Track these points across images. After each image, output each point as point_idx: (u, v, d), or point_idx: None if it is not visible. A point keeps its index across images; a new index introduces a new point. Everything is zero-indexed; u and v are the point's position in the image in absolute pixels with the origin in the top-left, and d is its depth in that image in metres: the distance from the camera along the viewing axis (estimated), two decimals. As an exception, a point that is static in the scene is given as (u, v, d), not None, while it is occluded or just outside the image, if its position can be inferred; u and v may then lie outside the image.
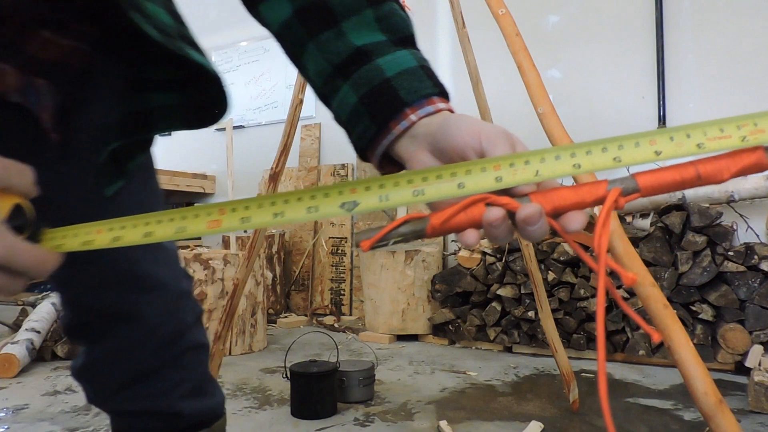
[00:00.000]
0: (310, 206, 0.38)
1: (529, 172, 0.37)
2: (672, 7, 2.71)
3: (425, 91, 0.46)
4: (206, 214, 0.39)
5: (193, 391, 0.73)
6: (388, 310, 2.76)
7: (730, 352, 2.07)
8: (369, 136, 0.47)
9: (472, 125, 0.42)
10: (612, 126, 2.82)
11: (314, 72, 0.51)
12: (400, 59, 0.48)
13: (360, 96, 0.47)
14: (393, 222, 0.38)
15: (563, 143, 1.03)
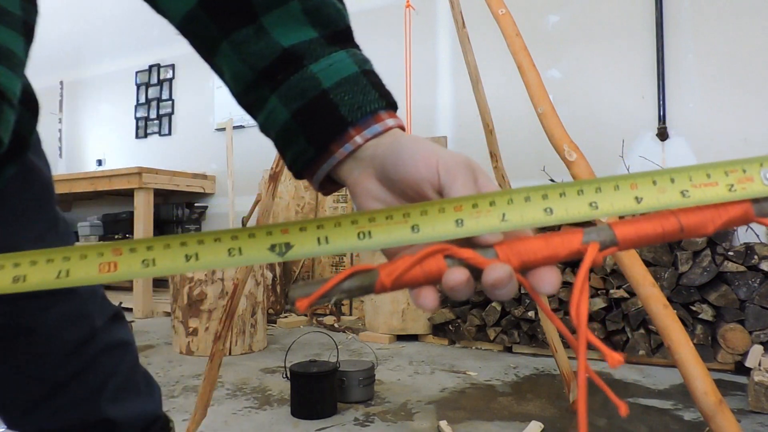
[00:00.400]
0: (231, 248, 0.32)
1: (495, 217, 0.32)
2: (672, 7, 2.71)
3: (371, 106, 0.40)
4: (97, 255, 0.31)
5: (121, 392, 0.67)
6: (388, 310, 2.76)
7: (730, 352, 2.07)
8: (306, 160, 0.41)
9: (428, 153, 0.36)
10: (612, 126, 2.82)
11: (232, 77, 0.43)
12: (338, 64, 0.40)
13: (292, 112, 0.40)
14: (336, 276, 0.32)
15: (563, 143, 1.03)
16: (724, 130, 2.58)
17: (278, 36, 0.40)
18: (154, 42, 4.73)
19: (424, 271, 0.32)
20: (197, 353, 2.48)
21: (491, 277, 0.30)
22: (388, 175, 0.38)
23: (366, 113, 0.40)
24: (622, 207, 0.32)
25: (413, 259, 0.32)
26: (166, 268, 0.31)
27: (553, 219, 0.32)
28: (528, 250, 0.32)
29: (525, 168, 2.92)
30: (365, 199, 0.40)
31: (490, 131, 1.62)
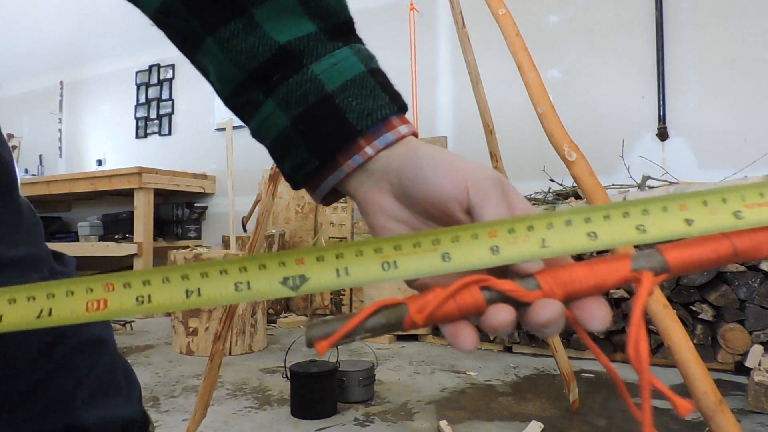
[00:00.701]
0: (239, 282, 0.28)
1: (534, 243, 0.29)
2: (672, 7, 2.71)
3: (382, 112, 0.36)
4: (86, 291, 0.28)
5: (98, 394, 0.59)
6: (388, 310, 2.76)
7: (730, 352, 2.07)
8: (308, 171, 0.38)
9: (455, 168, 0.32)
10: (612, 126, 2.82)
11: (218, 77, 0.38)
12: (343, 63, 0.36)
13: (292, 119, 0.36)
14: (359, 314, 0.29)
15: (563, 143, 1.03)
16: (724, 130, 2.58)
17: (272, 30, 0.36)
18: (154, 42, 4.73)
19: (458, 305, 0.28)
20: (197, 353, 2.48)
21: (542, 317, 0.27)
22: (407, 192, 0.34)
23: (377, 120, 0.35)
24: (673, 230, 0.29)
25: (446, 293, 0.28)
26: (163, 305, 0.28)
27: (598, 244, 0.29)
28: (573, 279, 0.29)
29: (525, 168, 2.92)
30: (379, 218, 0.36)
31: (490, 131, 1.62)
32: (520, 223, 0.29)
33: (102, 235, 4.21)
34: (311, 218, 3.69)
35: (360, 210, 0.38)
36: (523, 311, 0.28)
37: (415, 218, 0.35)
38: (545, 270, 0.29)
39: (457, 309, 0.28)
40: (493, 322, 0.28)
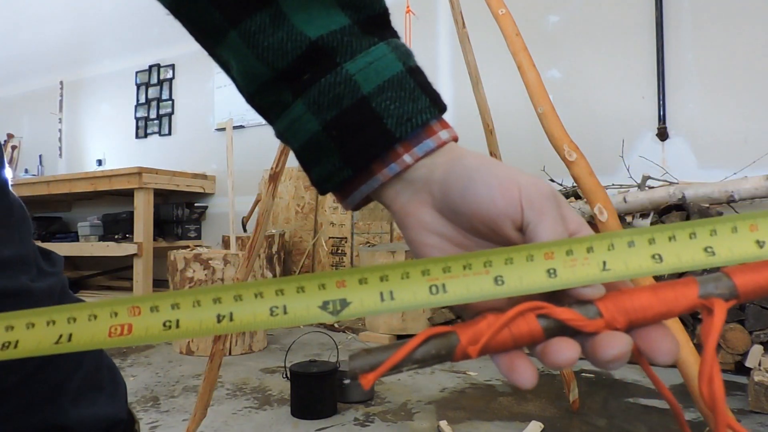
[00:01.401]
0: (275, 306, 0.27)
1: (595, 266, 0.27)
2: (672, 7, 2.71)
3: (423, 117, 0.33)
4: (110, 315, 0.27)
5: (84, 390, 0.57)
6: (388, 310, 2.76)
7: (730, 352, 2.07)
8: (340, 180, 0.35)
9: (508, 181, 0.30)
10: (612, 126, 2.82)
11: (242, 73, 0.35)
12: (380, 62, 0.33)
13: (324, 123, 0.33)
14: (408, 343, 0.27)
15: (563, 143, 1.03)
16: (724, 130, 2.58)
17: (301, 24, 0.32)
18: (154, 42, 4.73)
19: (513, 335, 0.27)
20: (197, 353, 2.48)
21: (610, 353, 0.25)
22: (452, 205, 0.31)
23: (416, 126, 0.33)
24: (743, 253, 0.27)
25: (501, 321, 0.26)
26: (192, 331, 0.27)
27: (664, 267, 0.27)
28: (637, 307, 0.26)
29: (525, 168, 2.89)
30: (419, 233, 0.33)
31: (490, 131, 1.62)
32: (580, 244, 0.27)
33: (102, 235, 4.21)
34: (311, 218, 3.69)
35: (397, 222, 0.35)
36: (585, 343, 0.26)
37: (460, 234, 0.32)
38: (606, 296, 0.27)
39: (512, 339, 0.27)
40: (559, 359, 0.25)
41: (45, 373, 0.52)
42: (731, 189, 2.29)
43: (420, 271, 0.27)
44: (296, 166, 3.78)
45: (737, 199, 2.29)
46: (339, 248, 3.53)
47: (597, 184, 0.98)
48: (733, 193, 2.28)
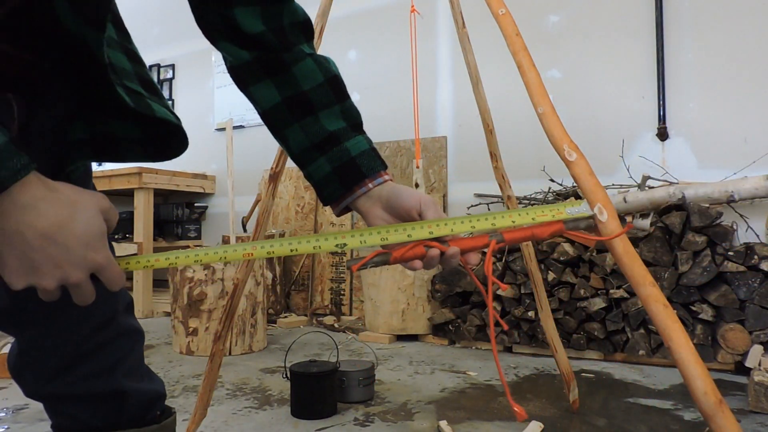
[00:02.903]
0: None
1: (447, 229, 0.64)
2: (672, 7, 2.71)
3: (378, 168, 0.70)
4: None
5: (134, 372, 0.72)
6: (388, 310, 2.76)
7: (730, 352, 2.07)
8: (337, 195, 0.71)
9: (415, 194, 0.67)
10: (612, 126, 2.82)
11: (295, 142, 0.71)
12: (360, 143, 0.70)
13: (333, 167, 0.69)
14: (370, 255, 0.62)
15: (563, 143, 1.03)
16: (724, 130, 2.58)
17: (327, 124, 0.70)
18: (154, 42, 4.73)
19: (414, 252, 0.63)
20: (197, 353, 2.48)
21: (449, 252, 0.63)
22: (391, 205, 0.68)
23: (375, 171, 0.70)
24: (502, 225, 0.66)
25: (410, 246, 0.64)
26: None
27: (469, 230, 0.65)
28: (465, 243, 0.65)
29: (525, 168, 2.92)
30: (375, 219, 0.70)
31: (490, 131, 1.62)
32: (442, 222, 0.65)
33: (102, 235, 4.20)
34: (311, 218, 3.69)
35: (363, 217, 0.71)
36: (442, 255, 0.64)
37: (393, 219, 0.69)
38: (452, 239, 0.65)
39: (413, 254, 0.63)
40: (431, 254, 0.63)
41: (109, 349, 0.69)
42: (731, 189, 2.29)
43: (377, 231, 0.64)
44: (296, 167, 3.79)
45: (737, 199, 2.29)
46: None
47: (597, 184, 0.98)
48: (733, 193, 2.28)
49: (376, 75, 3.59)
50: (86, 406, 0.69)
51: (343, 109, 0.71)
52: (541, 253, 2.38)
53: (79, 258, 0.48)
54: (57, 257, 0.47)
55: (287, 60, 0.68)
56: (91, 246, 0.48)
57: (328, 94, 0.70)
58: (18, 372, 0.68)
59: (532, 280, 1.64)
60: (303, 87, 0.69)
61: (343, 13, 3.62)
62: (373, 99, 3.59)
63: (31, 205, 0.46)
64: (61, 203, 0.47)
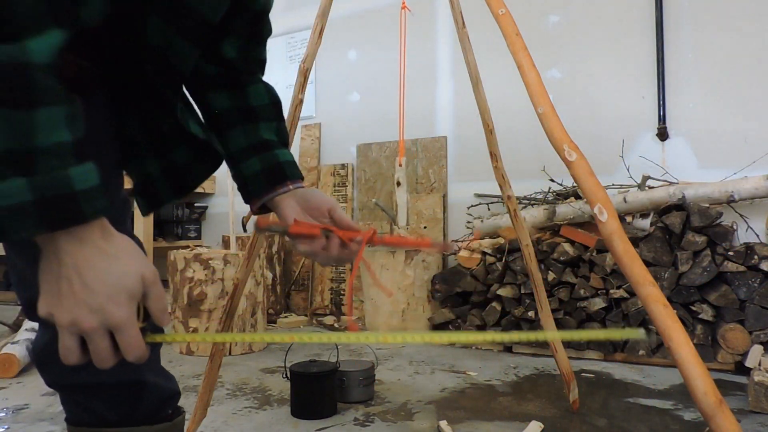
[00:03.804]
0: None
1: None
2: (672, 7, 2.71)
3: (299, 176, 0.83)
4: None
5: (153, 367, 0.74)
6: (388, 310, 2.76)
7: (730, 352, 2.07)
8: (261, 191, 0.81)
9: (326, 198, 0.81)
10: (612, 126, 2.82)
11: (234, 142, 0.82)
12: (286, 155, 0.83)
13: (263, 167, 0.81)
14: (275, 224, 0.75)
15: (563, 143, 1.03)
16: (724, 130, 2.58)
17: (263, 133, 0.83)
18: (154, 42, 4.72)
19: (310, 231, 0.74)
20: (197, 353, 2.48)
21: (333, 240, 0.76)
22: (306, 201, 0.81)
23: (296, 177, 0.82)
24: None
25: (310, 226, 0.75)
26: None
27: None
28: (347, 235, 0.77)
29: (525, 168, 2.92)
30: (286, 209, 0.80)
31: (490, 131, 1.62)
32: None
33: (102, 235, 4.20)
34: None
35: (275, 211, 0.82)
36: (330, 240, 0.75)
37: (304, 213, 0.80)
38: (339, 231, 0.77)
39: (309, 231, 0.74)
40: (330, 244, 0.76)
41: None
42: (731, 189, 2.29)
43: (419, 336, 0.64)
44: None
45: (737, 199, 2.29)
46: (339, 248, 3.53)
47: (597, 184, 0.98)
48: (733, 193, 2.28)
49: (375, 75, 3.59)
50: (106, 397, 0.70)
51: (278, 127, 0.85)
52: (541, 253, 2.38)
53: (97, 304, 0.47)
54: (78, 294, 0.47)
55: (243, 81, 0.83)
56: (114, 300, 0.48)
57: (270, 112, 0.84)
58: (43, 360, 0.69)
59: (532, 280, 1.64)
60: (252, 103, 0.83)
61: (343, 13, 3.62)
62: (373, 99, 3.59)
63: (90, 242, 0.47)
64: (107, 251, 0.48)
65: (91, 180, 0.46)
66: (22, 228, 0.43)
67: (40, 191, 0.43)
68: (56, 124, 0.44)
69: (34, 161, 0.43)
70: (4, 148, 0.42)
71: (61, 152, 0.44)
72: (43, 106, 0.43)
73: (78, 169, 0.45)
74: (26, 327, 2.36)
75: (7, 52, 0.41)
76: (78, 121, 0.46)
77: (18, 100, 0.42)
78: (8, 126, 0.41)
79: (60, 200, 0.44)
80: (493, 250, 2.53)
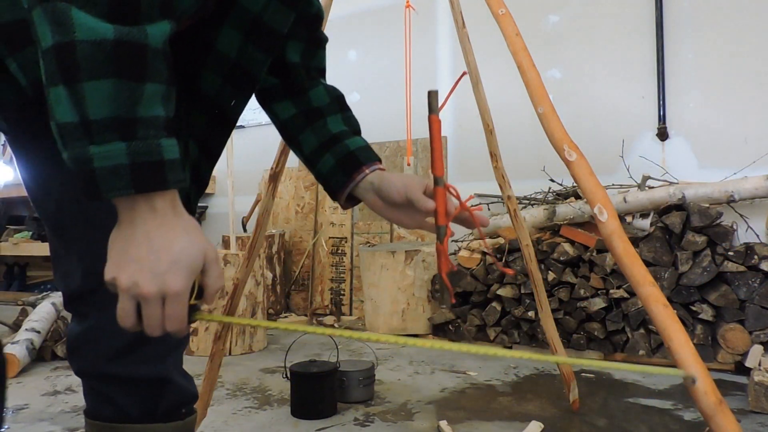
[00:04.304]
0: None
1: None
2: (672, 7, 2.71)
3: (373, 158, 0.83)
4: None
5: (178, 366, 0.76)
6: (388, 310, 2.76)
7: (730, 352, 2.07)
8: (341, 183, 0.82)
9: (399, 184, 0.77)
10: (612, 126, 2.82)
11: (307, 145, 0.86)
12: (357, 141, 0.84)
13: (336, 160, 0.83)
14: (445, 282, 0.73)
15: (563, 143, 1.03)
16: (724, 130, 2.58)
17: (331, 127, 0.85)
18: (154, 42, 4.72)
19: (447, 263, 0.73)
20: (197, 353, 2.48)
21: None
22: (382, 194, 0.79)
23: (370, 160, 0.82)
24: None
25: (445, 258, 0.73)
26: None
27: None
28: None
29: (525, 168, 2.92)
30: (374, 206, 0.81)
31: (490, 131, 1.62)
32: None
33: (102, 235, 4.20)
34: (311, 218, 3.69)
35: (367, 206, 0.81)
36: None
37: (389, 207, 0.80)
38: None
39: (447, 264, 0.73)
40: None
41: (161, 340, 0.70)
42: (731, 189, 2.29)
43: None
44: (296, 167, 3.79)
45: (737, 199, 2.29)
46: (339, 248, 3.53)
47: (597, 184, 0.98)
48: (733, 193, 2.28)
49: (376, 75, 3.59)
50: (132, 390, 0.72)
51: (344, 117, 0.87)
52: (541, 253, 2.38)
53: (159, 271, 0.50)
54: (144, 259, 0.50)
55: (305, 87, 0.87)
56: (176, 270, 0.51)
57: (334, 106, 0.87)
58: (77, 347, 0.72)
59: (532, 280, 1.64)
60: (315, 104, 0.87)
61: (343, 13, 3.62)
62: (373, 99, 3.59)
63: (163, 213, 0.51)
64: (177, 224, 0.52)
65: (175, 153, 0.51)
66: (114, 188, 0.48)
67: (136, 156, 0.48)
68: (157, 101, 0.50)
69: (135, 129, 0.48)
70: (114, 114, 0.47)
71: (158, 124, 0.50)
72: (150, 82, 0.49)
73: (168, 141, 0.50)
74: (26, 327, 2.36)
75: (132, 33, 0.47)
76: (172, 102, 0.52)
77: (134, 73, 0.48)
78: (120, 95, 0.47)
79: (151, 166, 0.49)
80: (494, 250, 2.53)
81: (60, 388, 1.98)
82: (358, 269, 3.38)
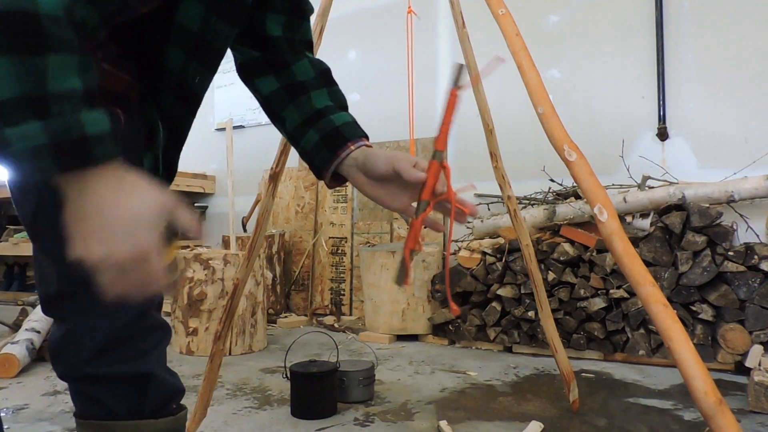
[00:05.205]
0: None
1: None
2: (672, 7, 2.71)
3: (359, 134, 0.79)
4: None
5: (161, 362, 0.76)
6: (388, 310, 2.76)
7: (730, 352, 2.07)
8: (326, 161, 0.78)
9: (384, 159, 0.73)
10: (612, 126, 2.82)
11: (290, 121, 0.83)
12: (343, 117, 0.80)
13: (321, 136, 0.79)
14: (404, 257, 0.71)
15: (563, 143, 1.03)
16: (724, 130, 2.58)
17: (316, 102, 0.81)
18: (154, 42, 4.73)
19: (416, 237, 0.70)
20: (197, 353, 2.48)
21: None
22: (368, 171, 0.75)
23: (356, 136, 0.78)
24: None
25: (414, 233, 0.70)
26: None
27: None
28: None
29: (525, 168, 2.92)
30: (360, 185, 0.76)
31: (490, 131, 1.62)
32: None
33: (102, 235, 4.20)
34: (311, 218, 3.69)
35: (353, 185, 0.77)
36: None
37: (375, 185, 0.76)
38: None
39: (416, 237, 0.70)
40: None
41: (144, 336, 0.73)
42: (731, 189, 2.29)
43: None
44: (296, 167, 3.79)
45: (737, 199, 2.29)
46: (339, 248, 3.53)
47: (597, 184, 0.98)
48: (733, 193, 2.28)
49: (375, 75, 3.59)
50: (116, 389, 0.72)
51: (330, 92, 0.83)
52: (541, 253, 2.38)
53: (123, 235, 0.49)
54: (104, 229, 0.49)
55: (289, 60, 0.83)
56: (139, 228, 0.50)
57: (318, 81, 0.83)
58: (58, 352, 0.71)
59: (532, 280, 1.64)
60: (299, 78, 0.83)
61: (343, 13, 3.62)
62: (373, 99, 3.59)
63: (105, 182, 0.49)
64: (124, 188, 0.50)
65: (101, 125, 0.48)
66: (39, 169, 0.45)
67: (55, 134, 0.45)
68: (68, 72, 0.46)
69: (48, 105, 0.45)
70: (20, 93, 0.44)
71: (74, 98, 0.46)
72: (54, 53, 0.45)
73: (89, 115, 0.47)
74: (26, 327, 2.35)
75: (17, 2, 0.44)
76: (90, 72, 0.49)
77: (28, 46, 0.44)
78: (21, 71, 0.44)
79: (73, 143, 0.46)
80: (493, 250, 2.53)
81: (60, 388, 1.98)
82: (358, 269, 3.38)
